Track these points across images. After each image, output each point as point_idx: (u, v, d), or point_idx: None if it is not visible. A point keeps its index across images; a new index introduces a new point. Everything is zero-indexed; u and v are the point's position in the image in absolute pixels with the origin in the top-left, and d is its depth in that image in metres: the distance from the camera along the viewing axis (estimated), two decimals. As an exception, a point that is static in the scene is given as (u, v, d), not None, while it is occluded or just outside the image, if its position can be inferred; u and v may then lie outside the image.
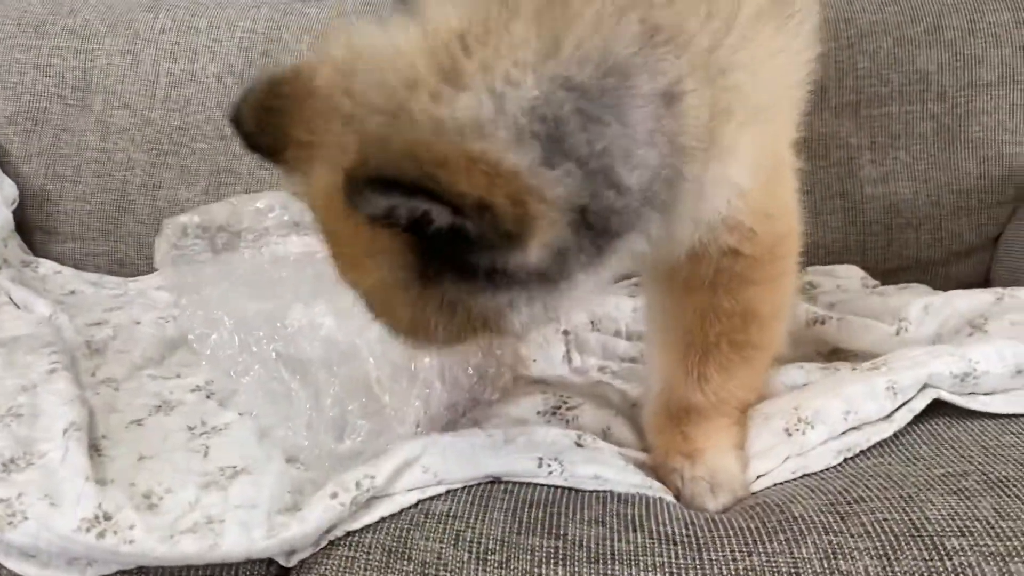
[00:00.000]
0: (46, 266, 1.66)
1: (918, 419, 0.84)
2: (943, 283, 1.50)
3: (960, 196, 1.52)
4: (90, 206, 1.70)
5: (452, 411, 0.90)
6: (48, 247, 1.71)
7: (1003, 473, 0.73)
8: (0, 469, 0.76)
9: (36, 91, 1.75)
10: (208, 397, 0.92)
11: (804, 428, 0.83)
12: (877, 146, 1.54)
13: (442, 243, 0.60)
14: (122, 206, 1.70)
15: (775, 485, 0.81)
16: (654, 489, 0.80)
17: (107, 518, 0.69)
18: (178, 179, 1.69)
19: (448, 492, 0.76)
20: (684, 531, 0.71)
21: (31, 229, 1.70)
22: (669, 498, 0.80)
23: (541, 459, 0.78)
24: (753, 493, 0.81)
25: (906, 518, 0.69)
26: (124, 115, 1.73)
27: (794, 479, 0.81)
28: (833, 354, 1.11)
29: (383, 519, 0.74)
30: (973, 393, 0.87)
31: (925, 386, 0.86)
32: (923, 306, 1.10)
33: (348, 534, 0.73)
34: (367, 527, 0.73)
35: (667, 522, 0.72)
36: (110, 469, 0.79)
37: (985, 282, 1.54)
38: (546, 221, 0.60)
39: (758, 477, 0.83)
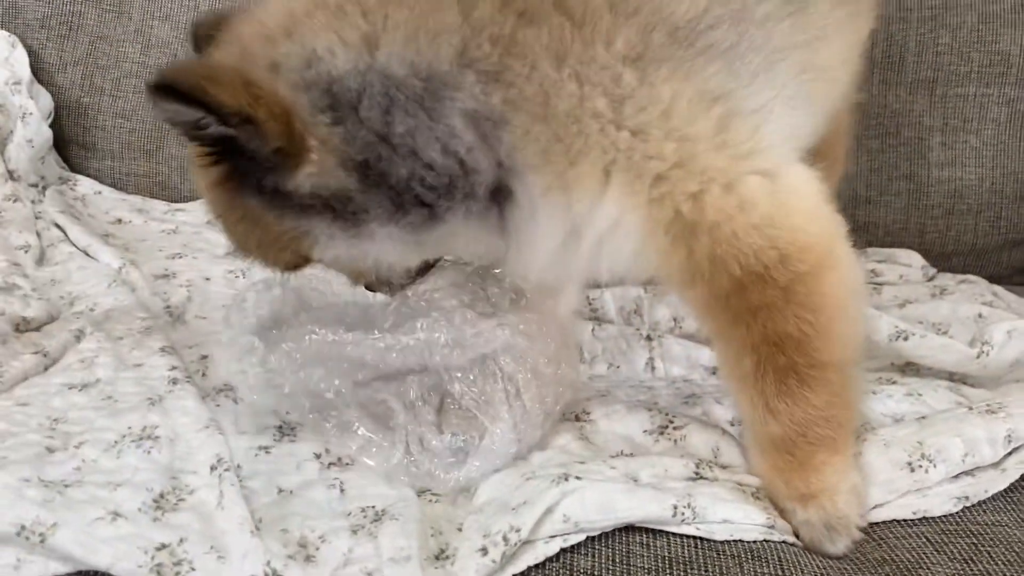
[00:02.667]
0: (84, 184, 1.60)
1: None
2: (995, 270, 1.53)
3: (1022, 185, 1.52)
4: (131, 124, 1.63)
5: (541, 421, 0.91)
6: (85, 163, 1.64)
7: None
8: (153, 507, 0.75)
9: (70, -8, 1.64)
10: (324, 421, 0.90)
11: (927, 465, 0.86)
12: (949, 128, 1.53)
13: (241, 161, 0.75)
14: (164, 126, 1.62)
15: (894, 525, 0.83)
16: (777, 529, 0.82)
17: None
18: (225, 103, 1.62)
19: (589, 543, 0.77)
20: (821, 598, 0.74)
21: (67, 143, 1.63)
22: (792, 539, 0.82)
23: (676, 507, 0.80)
24: (874, 528, 0.83)
25: (1035, 603, 0.72)
26: (165, 28, 1.63)
27: (913, 521, 0.84)
28: (908, 367, 1.14)
29: (529, 570, 0.75)
30: (1072, 445, 0.90)
31: (1036, 437, 0.88)
32: (1008, 330, 1.12)
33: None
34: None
35: (804, 585, 0.75)
36: (257, 507, 0.78)
37: (1033, 270, 1.57)
38: (315, 155, 0.74)
39: (875, 507, 0.85)
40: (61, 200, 1.51)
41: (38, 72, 1.60)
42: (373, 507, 0.80)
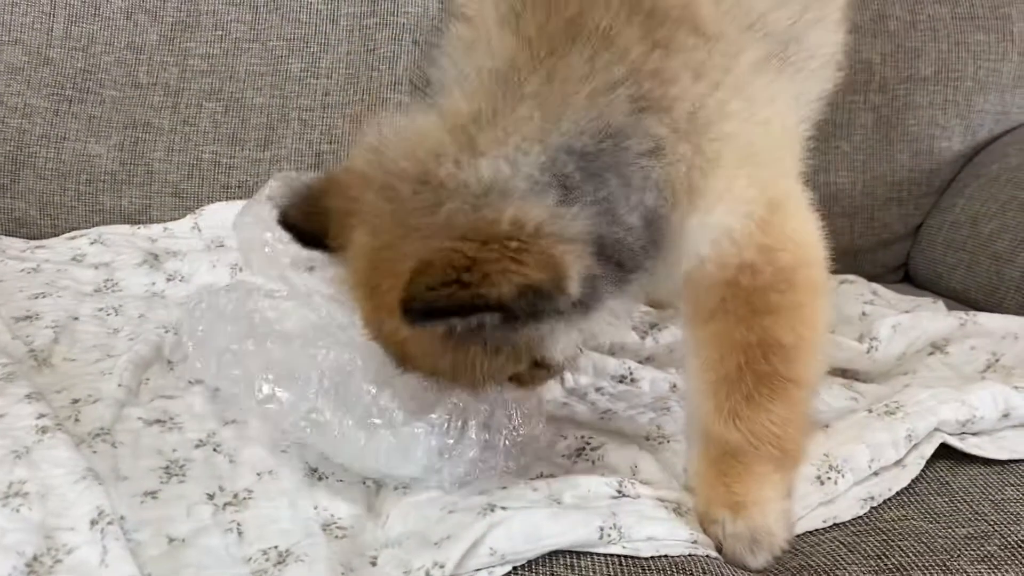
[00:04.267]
0: (-72, 225, 1.47)
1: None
2: (869, 269, 1.59)
3: (892, 187, 1.59)
4: (-20, 157, 1.50)
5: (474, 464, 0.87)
6: (-73, 201, 1.51)
7: (1020, 536, 0.79)
8: (26, 571, 0.66)
9: (-98, 15, 1.50)
10: (215, 451, 0.83)
11: (835, 477, 0.87)
12: (821, 135, 1.58)
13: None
14: (19, 159, 1.51)
15: (807, 535, 0.84)
16: (700, 544, 0.81)
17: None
18: (86, 130, 1.52)
19: (513, 571, 0.75)
20: (746, 606, 0.73)
21: (-95, 180, 1.49)
22: (715, 553, 0.81)
23: (602, 528, 0.77)
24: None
25: (948, 592, 0.74)
26: (15, 52, 1.52)
27: (824, 528, 0.84)
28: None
29: (454, 607, 0.72)
30: (963, 433, 0.93)
31: (933, 431, 0.91)
32: (892, 325, 1.16)
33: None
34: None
35: (728, 595, 0.74)
36: (145, 561, 0.71)
37: (904, 267, 1.65)
38: (574, 256, 0.70)
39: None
40: (-98, 242, 1.38)
41: None
42: (276, 547, 0.75)
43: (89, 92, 1.53)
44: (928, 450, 0.90)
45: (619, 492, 0.85)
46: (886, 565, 0.77)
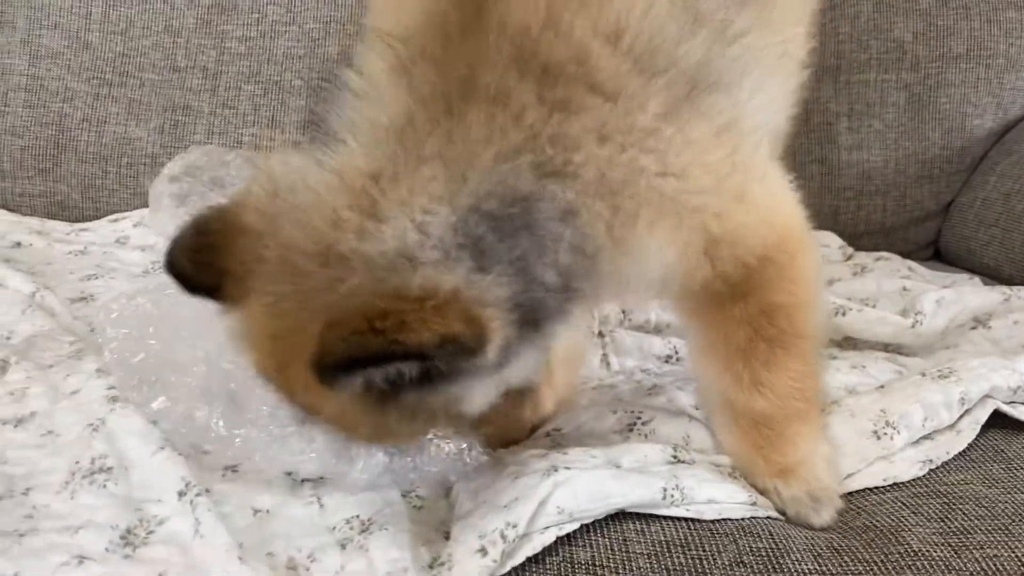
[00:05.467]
0: (-29, 207, 1.49)
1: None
2: (901, 247, 1.60)
3: (924, 165, 1.60)
4: (23, 141, 1.53)
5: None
6: (-29, 185, 1.53)
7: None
8: (121, 544, 0.69)
9: (-56, 2, 1.52)
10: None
11: (891, 432, 0.89)
12: (854, 113, 1.59)
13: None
14: (61, 142, 1.53)
15: (869, 493, 0.86)
16: (760, 506, 0.84)
17: (268, 601, 0.64)
18: (126, 113, 1.54)
19: (585, 535, 0.76)
20: (819, 567, 0.75)
21: (-51, 164, 1.51)
22: (775, 514, 0.84)
23: (665, 489, 0.80)
24: (851, 497, 0.85)
25: (1013, 555, 0.75)
26: (55, 36, 1.54)
27: (885, 487, 0.87)
28: (846, 341, 1.18)
29: (529, 567, 0.74)
30: (1014, 402, 0.95)
31: (985, 397, 0.93)
32: (936, 300, 1.17)
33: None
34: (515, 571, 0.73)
35: (800, 559, 0.76)
36: (234, 532, 0.72)
37: (934, 244, 1.66)
38: (496, 323, 0.66)
39: (848, 476, 0.88)
40: (-49, 226, 1.40)
41: (-87, 88, 1.48)
42: (358, 516, 0.77)
43: (128, 75, 1.54)
44: (982, 415, 0.92)
45: (675, 457, 0.87)
46: (950, 528, 0.79)
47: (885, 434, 0.89)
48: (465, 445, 0.86)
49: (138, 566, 0.68)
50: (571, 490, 0.77)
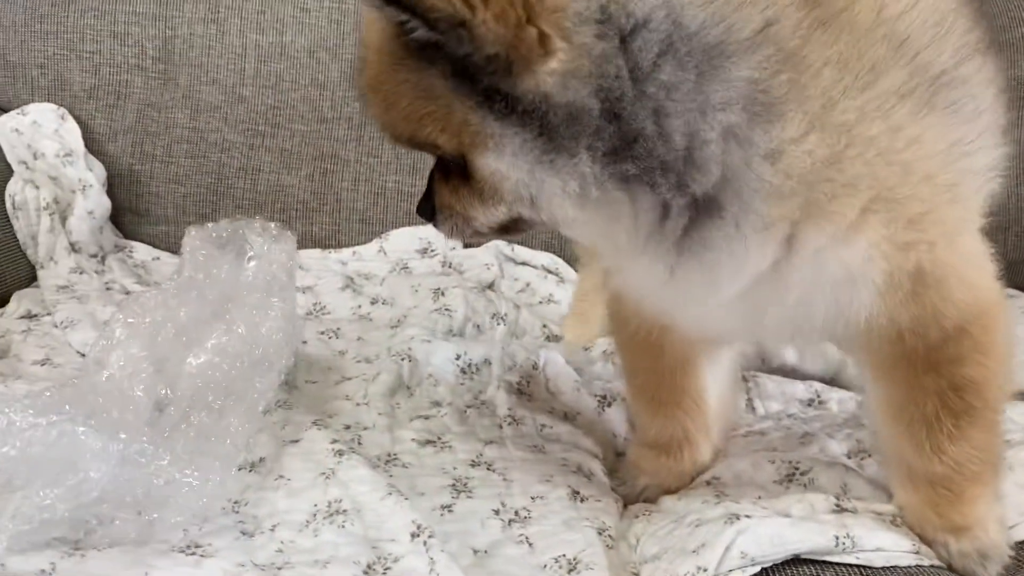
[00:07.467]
0: (141, 251, 1.62)
1: None
2: (1022, 282, 1.62)
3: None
4: (184, 188, 1.65)
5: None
6: (138, 230, 1.66)
7: None
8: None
9: (115, 62, 1.66)
10: (489, 469, 0.96)
11: (1051, 484, 0.92)
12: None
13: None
14: (220, 190, 1.66)
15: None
16: (923, 555, 0.88)
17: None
18: (279, 163, 1.65)
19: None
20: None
21: (120, 211, 1.65)
22: (938, 563, 0.87)
23: (837, 537, 0.85)
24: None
25: None
26: (213, 91, 1.66)
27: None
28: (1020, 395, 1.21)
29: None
30: None
31: None
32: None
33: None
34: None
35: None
36: (462, 570, 0.81)
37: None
38: (562, 57, 0.65)
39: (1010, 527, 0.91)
40: (125, 268, 1.54)
41: (88, 142, 1.62)
42: (564, 555, 0.85)
43: (280, 127, 1.66)
44: None
45: (838, 506, 0.92)
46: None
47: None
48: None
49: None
50: (753, 536, 0.84)
